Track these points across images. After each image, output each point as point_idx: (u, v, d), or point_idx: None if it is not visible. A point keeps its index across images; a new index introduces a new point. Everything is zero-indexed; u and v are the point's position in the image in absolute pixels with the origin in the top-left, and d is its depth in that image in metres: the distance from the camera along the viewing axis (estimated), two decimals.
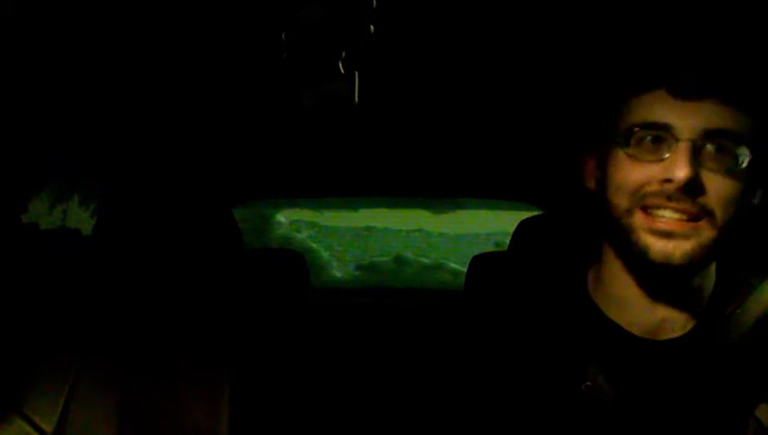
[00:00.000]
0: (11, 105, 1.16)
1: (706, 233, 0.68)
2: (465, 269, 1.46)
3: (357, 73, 0.59)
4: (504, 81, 1.24)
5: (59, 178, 1.66)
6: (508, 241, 1.30)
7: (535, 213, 1.43)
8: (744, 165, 0.68)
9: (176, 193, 1.25)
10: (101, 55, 1.09)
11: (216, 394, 1.03)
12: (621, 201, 0.71)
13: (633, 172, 0.70)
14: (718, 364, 0.71)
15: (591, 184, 0.78)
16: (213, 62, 1.14)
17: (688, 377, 0.72)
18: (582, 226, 0.98)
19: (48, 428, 0.99)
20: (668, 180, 0.67)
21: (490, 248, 1.81)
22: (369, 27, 0.58)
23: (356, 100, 0.60)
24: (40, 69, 1.09)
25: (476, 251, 1.48)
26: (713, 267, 0.76)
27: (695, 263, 0.68)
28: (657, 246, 0.68)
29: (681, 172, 0.66)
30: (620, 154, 0.71)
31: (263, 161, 1.80)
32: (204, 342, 1.09)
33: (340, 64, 0.58)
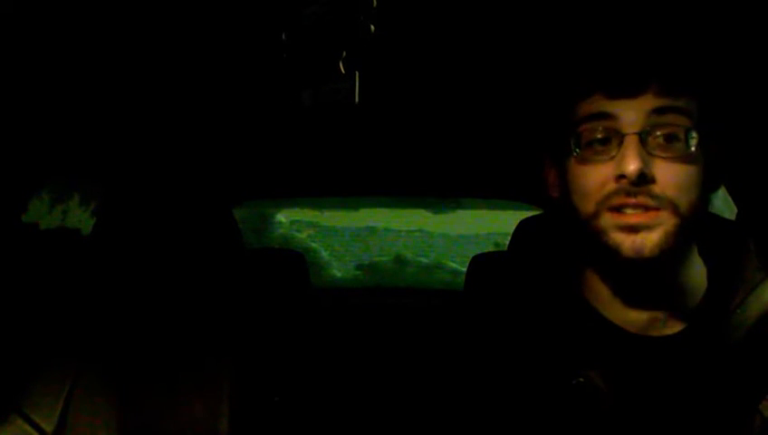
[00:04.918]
0: (11, 105, 1.16)
1: (670, 221, 0.69)
2: (465, 269, 1.46)
3: (357, 73, 0.59)
4: (503, 81, 1.24)
5: (59, 178, 1.66)
6: (508, 241, 1.30)
7: (535, 213, 1.43)
8: (695, 148, 0.69)
9: (176, 193, 1.25)
10: (101, 55, 1.09)
11: (216, 394, 1.03)
12: (587, 207, 0.72)
13: (589, 176, 0.71)
14: (718, 362, 0.72)
15: (555, 193, 0.79)
16: (213, 62, 1.14)
17: (684, 374, 0.72)
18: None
19: (48, 428, 0.99)
20: (622, 176, 0.68)
21: (490, 248, 1.80)
22: (370, 27, 0.58)
23: (356, 100, 0.60)
24: (40, 69, 1.09)
25: (476, 251, 1.48)
26: (697, 262, 0.77)
27: (666, 253, 0.69)
28: (627, 243, 0.69)
29: (631, 166, 0.67)
30: (574, 160, 0.73)
31: (263, 161, 1.80)
32: (204, 341, 1.09)
33: (341, 64, 0.59)
